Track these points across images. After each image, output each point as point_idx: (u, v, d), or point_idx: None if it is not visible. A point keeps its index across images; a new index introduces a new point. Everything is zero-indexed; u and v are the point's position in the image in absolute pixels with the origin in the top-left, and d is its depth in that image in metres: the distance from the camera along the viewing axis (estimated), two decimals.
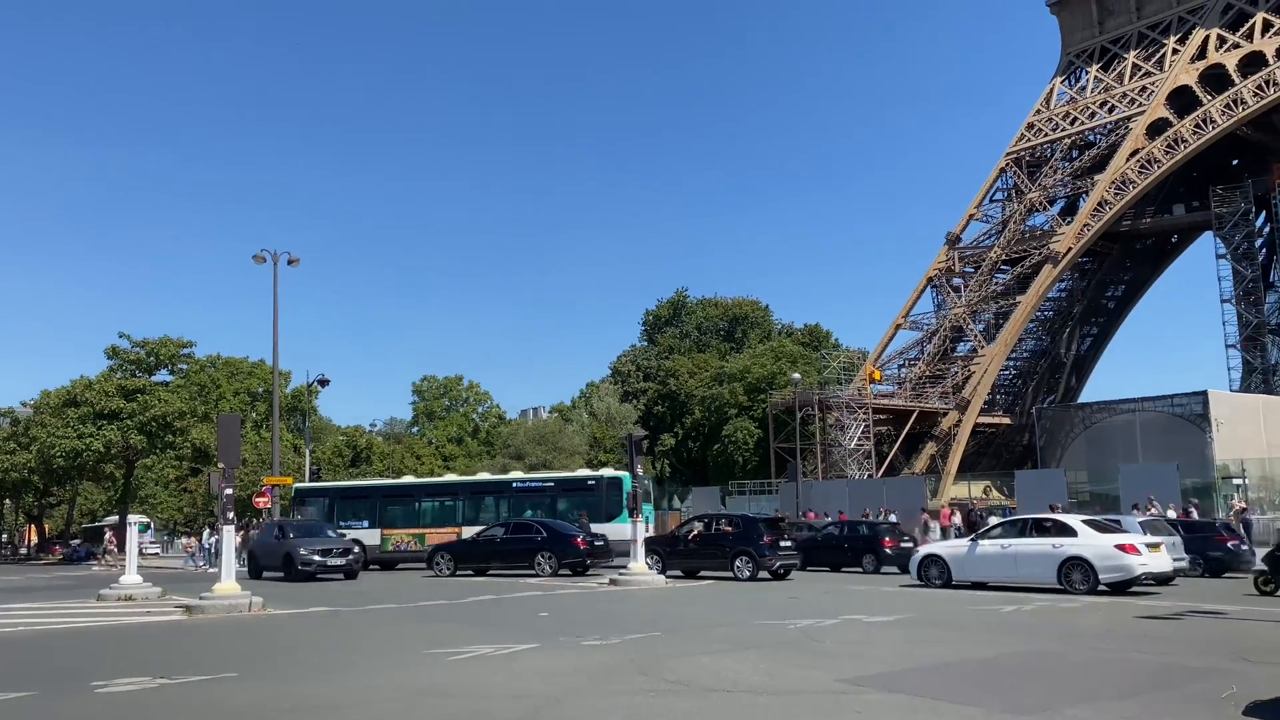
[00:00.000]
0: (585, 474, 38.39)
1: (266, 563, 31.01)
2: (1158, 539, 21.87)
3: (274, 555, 30.57)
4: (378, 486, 41.75)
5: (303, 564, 29.14)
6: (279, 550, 30.28)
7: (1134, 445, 47.42)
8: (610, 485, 35.52)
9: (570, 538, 29.79)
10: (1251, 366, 67.46)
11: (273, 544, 31.02)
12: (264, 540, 32.33)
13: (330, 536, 31.75)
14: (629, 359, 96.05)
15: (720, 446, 78.56)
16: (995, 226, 72.16)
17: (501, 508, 36.39)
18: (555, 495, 36.51)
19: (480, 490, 38.74)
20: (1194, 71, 64.98)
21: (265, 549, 31.52)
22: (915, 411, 66.06)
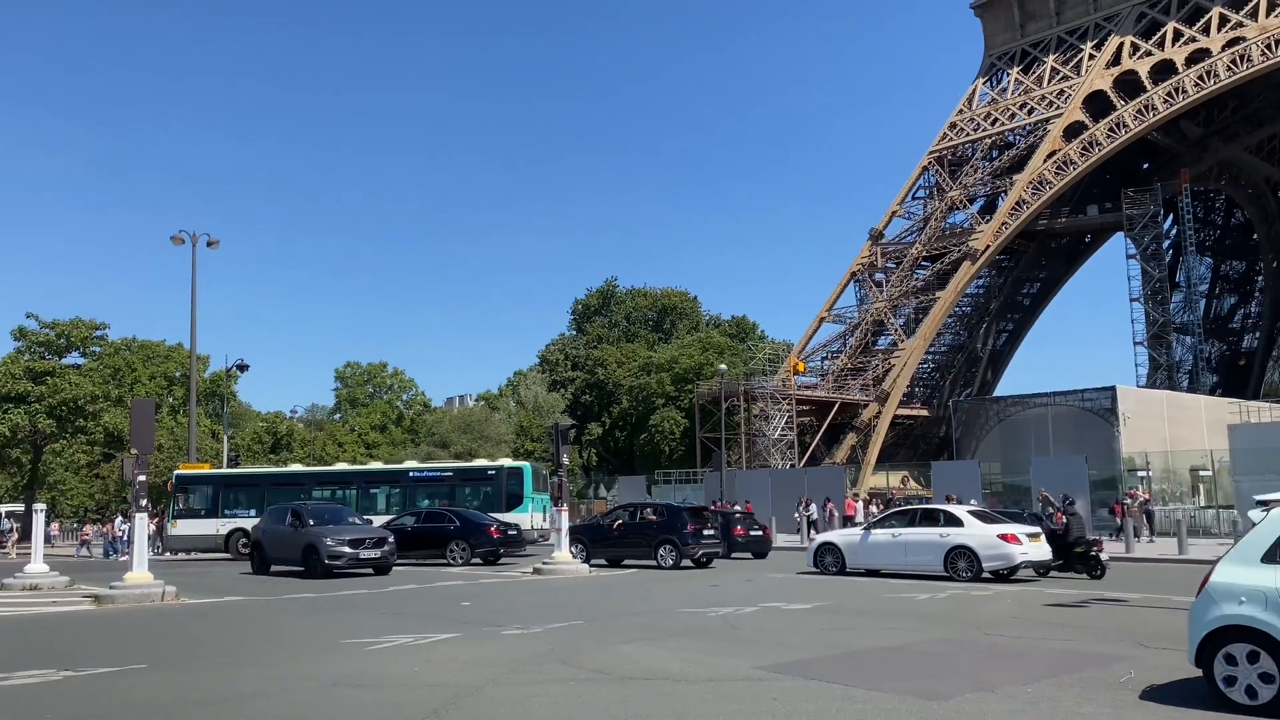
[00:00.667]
0: (485, 464, 38.18)
1: (278, 554, 26.40)
2: (1034, 529, 22.97)
3: (289, 546, 25.92)
4: (266, 474, 40.49)
5: (330, 557, 24.62)
6: (296, 540, 25.61)
7: (1046, 438, 48.91)
8: (510, 475, 35.42)
9: (484, 526, 29.61)
10: (1157, 363, 70.01)
11: (286, 532, 26.18)
12: (274, 528, 27.07)
13: (357, 524, 27.33)
14: (557, 348, 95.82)
15: (647, 436, 78.93)
16: (917, 223, 73.62)
17: (397, 498, 35.82)
18: (454, 485, 36.02)
19: (375, 479, 37.93)
20: (1109, 77, 67.04)
21: (277, 539, 26.54)
22: (837, 403, 67.17)
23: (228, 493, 37.23)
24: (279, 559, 26.47)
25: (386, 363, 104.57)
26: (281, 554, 26.35)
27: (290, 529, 26.17)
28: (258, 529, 28.21)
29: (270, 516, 28.07)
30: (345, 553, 24.96)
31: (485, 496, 35.28)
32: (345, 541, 25.08)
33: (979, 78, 75.38)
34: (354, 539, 25.32)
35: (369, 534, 26.20)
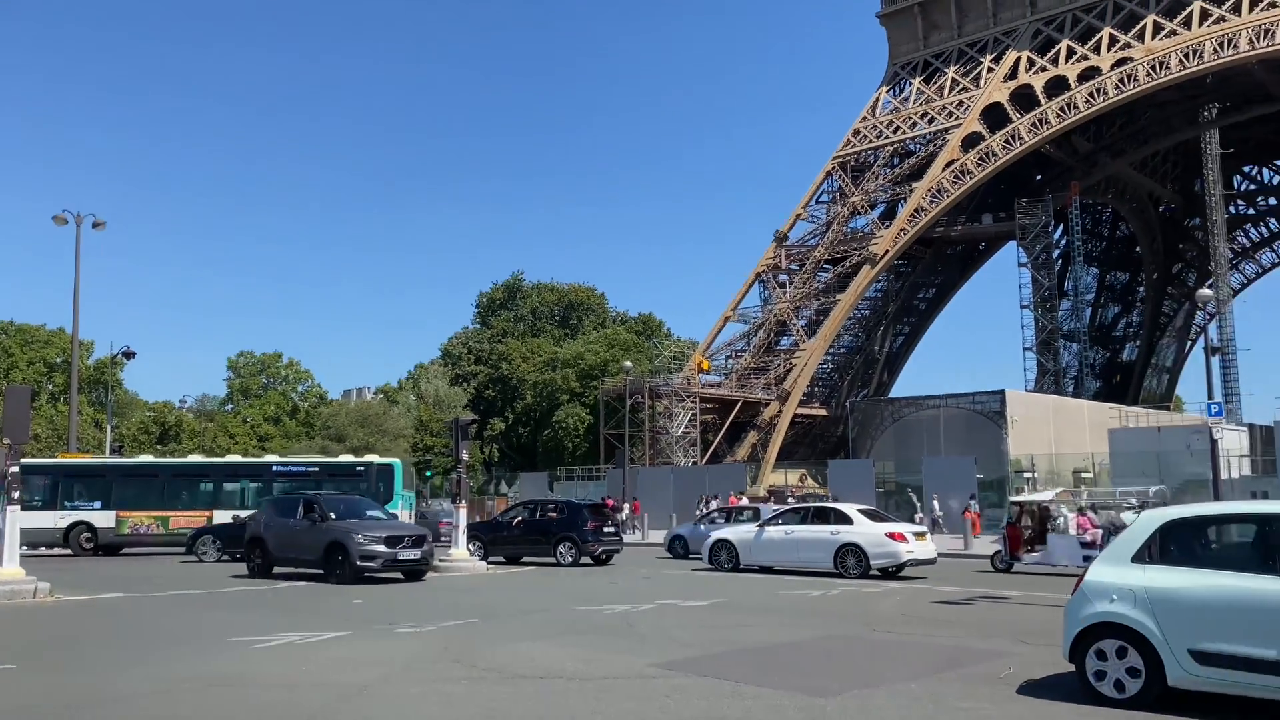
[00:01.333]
0: (353, 460, 37.42)
1: (287, 554, 22.74)
2: (920, 528, 23.77)
3: (303, 545, 22.12)
4: (114, 464, 38.17)
5: (363, 558, 20.86)
6: (314, 538, 21.81)
7: (938, 439, 50.45)
8: (380, 473, 34.93)
9: None
10: (1045, 368, 72.79)
11: (300, 528, 22.35)
12: (280, 522, 23.09)
13: (386, 519, 24.19)
14: (461, 341, 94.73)
15: (551, 432, 78.66)
16: (820, 227, 74.97)
17: (258, 493, 34.49)
18: (320, 481, 34.96)
19: (235, 472, 36.58)
20: (1006, 90, 69.38)
21: (286, 535, 22.64)
22: (740, 401, 68.02)
23: (69, 483, 34.65)
24: (288, 559, 22.70)
25: (282, 353, 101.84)
26: (292, 553, 22.54)
27: (306, 524, 22.27)
28: (256, 523, 24.20)
29: (274, 508, 24.09)
30: (381, 553, 21.09)
31: (354, 494, 34.70)
32: (380, 540, 21.22)
33: (883, 86, 77.17)
34: (390, 536, 21.52)
35: (406, 530, 22.35)
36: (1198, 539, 8.78)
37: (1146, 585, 8.34)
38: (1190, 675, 8.02)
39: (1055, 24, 69.02)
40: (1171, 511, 9.16)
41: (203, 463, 38.97)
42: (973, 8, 73.19)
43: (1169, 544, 8.57)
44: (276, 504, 24.53)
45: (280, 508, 23.86)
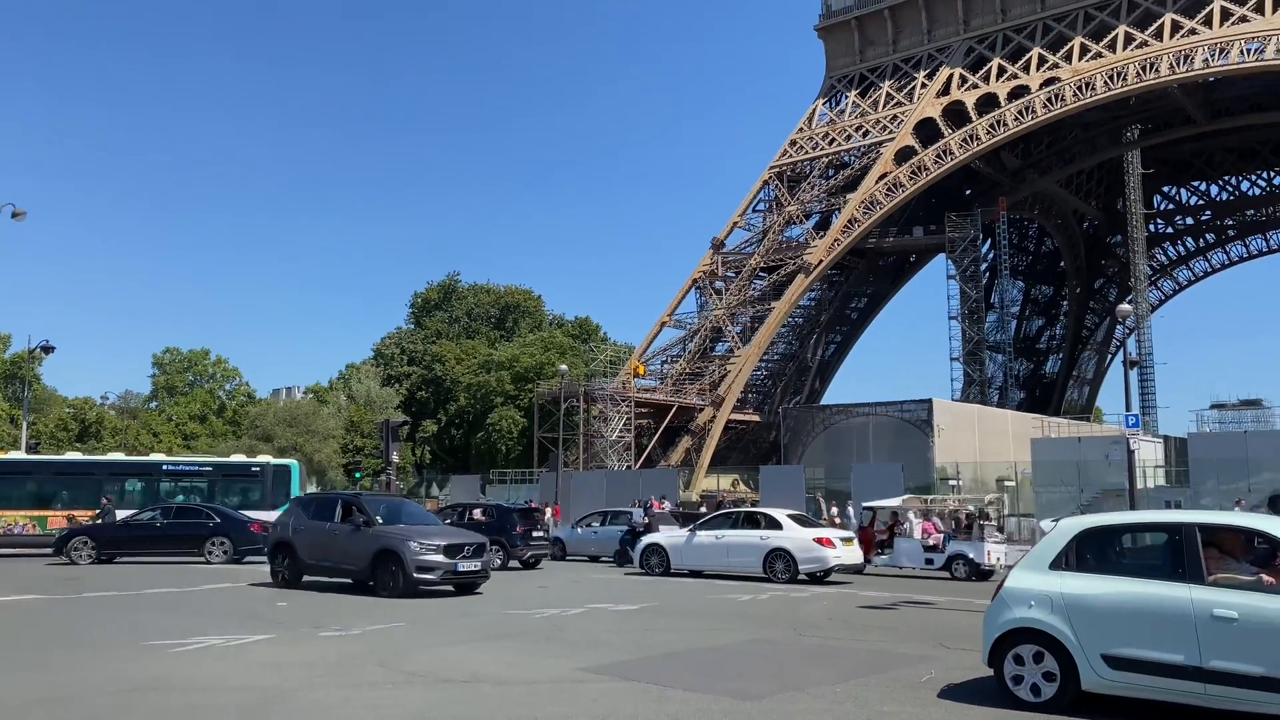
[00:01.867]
0: (248, 460, 36.83)
1: (322, 561, 19.81)
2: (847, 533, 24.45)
3: (344, 552, 19.36)
4: None
5: (419, 569, 18.08)
6: (358, 544, 19.03)
7: (867, 446, 51.27)
8: (277, 474, 34.44)
9: (247, 523, 28.34)
10: (971, 379, 74.44)
11: (340, 533, 19.53)
12: (314, 526, 20.23)
13: (435, 523, 21.80)
14: (394, 341, 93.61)
15: (484, 435, 78.12)
16: (756, 235, 75.67)
17: (147, 492, 33.62)
18: (213, 481, 34.31)
19: (121, 471, 35.08)
20: (938, 106, 70.80)
21: (322, 541, 19.77)
22: (674, 406, 68.30)
23: None
24: (323, 568, 19.90)
25: (209, 350, 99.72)
26: (329, 561, 19.72)
27: (347, 528, 19.47)
28: (281, 525, 21.31)
29: (305, 510, 21.20)
30: (439, 563, 18.33)
31: (249, 494, 34.01)
32: (439, 548, 18.49)
33: (819, 98, 78.21)
34: (449, 544, 18.74)
35: (465, 538, 19.59)
36: (1112, 547, 9.06)
37: (1063, 591, 8.58)
38: (1103, 679, 8.27)
39: (987, 43, 70.67)
40: (1088, 520, 9.44)
41: (85, 460, 37.60)
42: (908, 24, 74.60)
43: (1085, 552, 8.83)
44: (307, 505, 21.73)
45: (312, 509, 21.13)
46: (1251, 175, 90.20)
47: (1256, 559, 8.28)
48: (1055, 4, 68.11)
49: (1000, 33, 70.13)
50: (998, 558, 24.50)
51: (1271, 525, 8.36)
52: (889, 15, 75.02)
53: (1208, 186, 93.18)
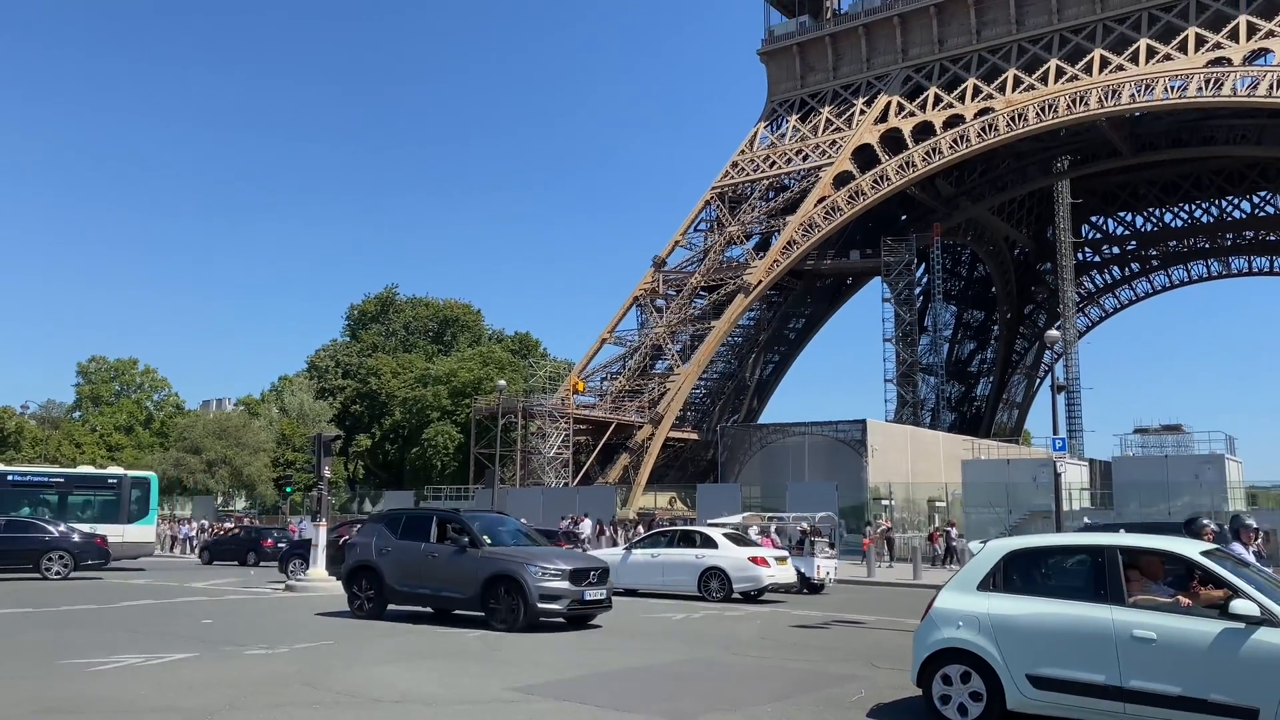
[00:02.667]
0: (104, 472, 36.13)
1: (416, 588, 17.20)
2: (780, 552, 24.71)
3: (443, 577, 16.76)
4: None
5: (544, 597, 15.80)
6: (468, 569, 16.46)
7: (803, 465, 51.76)
8: (134, 486, 34.04)
9: (91, 537, 27.86)
10: (905, 400, 75.65)
11: (441, 555, 16.96)
12: (401, 546, 17.63)
13: (550, 544, 19.71)
14: (329, 354, 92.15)
15: (419, 450, 77.22)
16: (698, 254, 76.19)
17: None
18: (65, 494, 33.48)
19: None
20: (876, 132, 72.11)
21: (414, 564, 17.23)
22: (613, 423, 68.26)
23: None
24: (418, 595, 17.26)
25: (137, 359, 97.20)
26: (426, 588, 17.06)
27: (449, 549, 16.87)
28: (361, 546, 18.25)
29: (390, 528, 18.23)
30: (565, 591, 16.00)
31: (105, 507, 33.41)
32: (564, 573, 16.13)
33: (761, 121, 79.17)
34: (576, 569, 16.40)
35: (590, 563, 17.36)
36: (1037, 569, 9.25)
37: (990, 612, 8.74)
38: (1028, 699, 8.43)
39: (924, 72, 72.23)
40: (1015, 542, 9.64)
41: None
42: (848, 52, 75.96)
43: (1011, 573, 9.01)
44: (393, 522, 18.63)
45: (400, 526, 18.23)
46: (1174, 208, 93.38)
47: (1174, 581, 8.53)
48: (989, 37, 69.94)
49: (937, 63, 71.76)
50: (827, 572, 25.88)
51: (1187, 548, 8.63)
52: (829, 43, 76.34)
53: (1133, 217, 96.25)
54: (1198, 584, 8.22)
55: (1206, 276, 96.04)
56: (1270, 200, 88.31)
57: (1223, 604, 7.83)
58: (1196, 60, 60.62)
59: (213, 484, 69.46)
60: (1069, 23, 66.89)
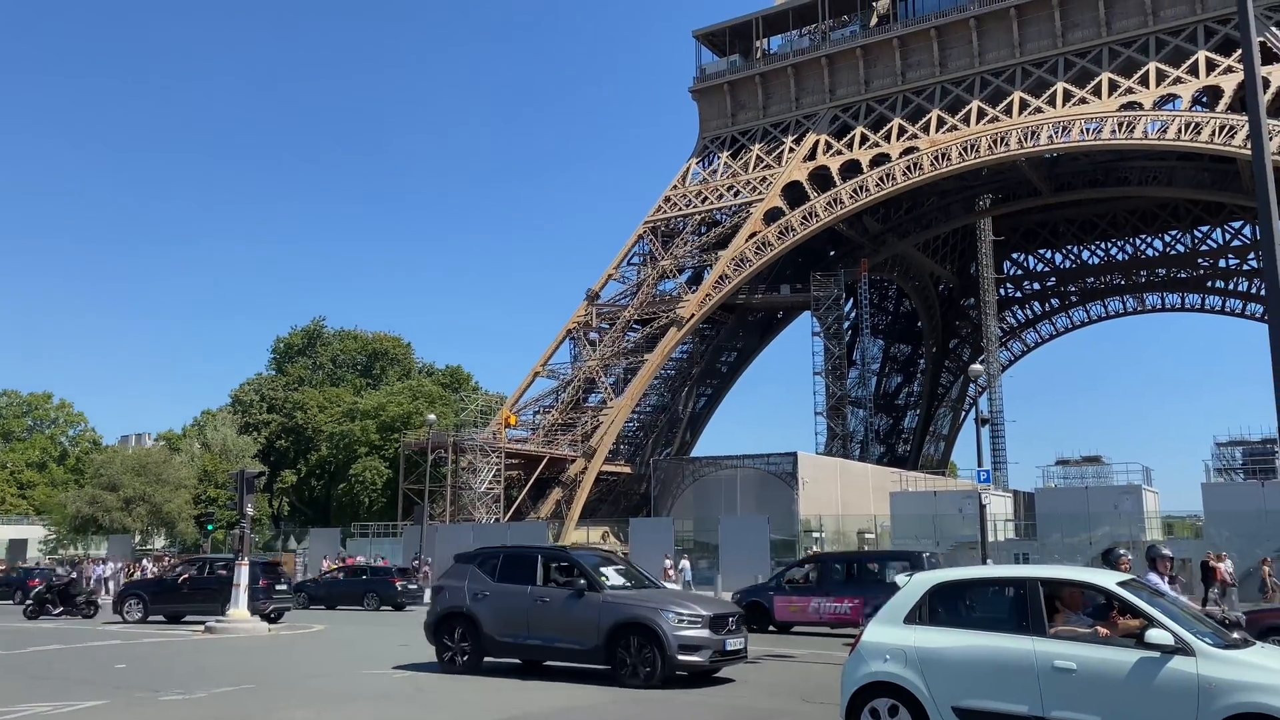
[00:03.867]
0: None
1: (523, 638, 15.25)
2: None
3: (558, 626, 14.85)
4: None
5: (683, 648, 13.93)
6: (587, 616, 14.56)
7: (735, 498, 51.99)
8: None
9: None
10: (834, 432, 76.58)
11: (550, 601, 15.08)
12: (502, 590, 15.67)
13: (657, 583, 17.51)
14: (253, 388, 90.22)
15: (346, 486, 75.79)
16: (631, 288, 76.52)
17: None
18: None
19: None
20: (805, 170, 73.43)
21: (520, 611, 15.28)
22: (546, 457, 67.78)
23: None
24: (527, 647, 15.32)
25: (51, 393, 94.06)
26: (537, 638, 15.09)
27: (563, 594, 14.99)
28: (452, 592, 16.09)
29: (485, 570, 16.07)
30: (706, 640, 14.14)
31: None
32: (705, 620, 14.29)
33: (693, 157, 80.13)
34: (716, 615, 14.64)
35: (727, 609, 15.60)
36: (962, 601, 9.37)
37: (916, 645, 8.82)
38: None
39: (851, 111, 73.91)
40: (940, 575, 9.76)
41: None
42: (777, 91, 77.44)
43: (937, 606, 9.11)
44: (487, 562, 16.25)
45: (498, 567, 15.99)
46: (1091, 245, 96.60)
47: (1093, 611, 8.72)
48: (914, 79, 71.90)
49: (864, 103, 73.50)
50: None
51: (1105, 579, 8.83)
52: (759, 82, 77.75)
53: (1053, 254, 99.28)
54: (1116, 614, 8.41)
55: (1123, 312, 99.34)
56: (1180, 239, 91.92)
57: (1139, 634, 8.02)
58: (1110, 104, 63.02)
59: (130, 522, 67.17)
60: (989, 66, 69.13)
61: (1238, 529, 34.64)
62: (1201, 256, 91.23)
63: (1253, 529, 33.67)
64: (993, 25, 69.35)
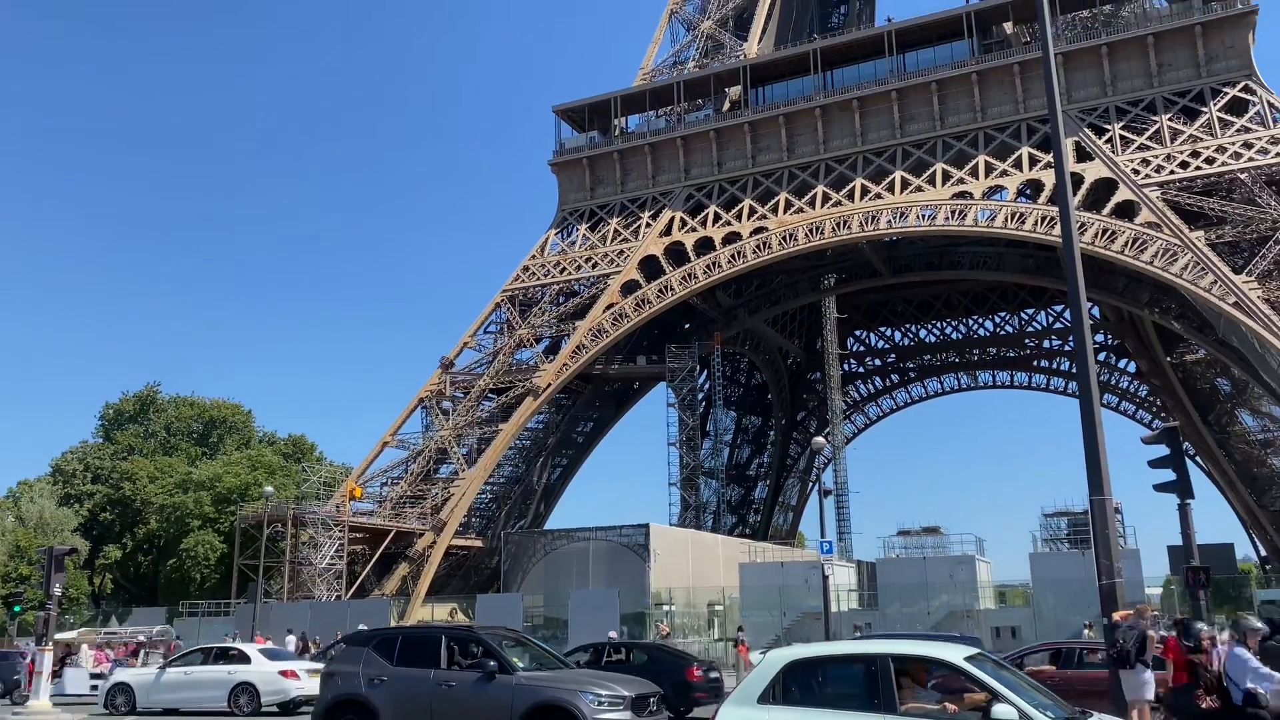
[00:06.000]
0: None
1: None
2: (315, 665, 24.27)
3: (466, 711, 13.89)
4: None
5: None
6: (500, 701, 13.59)
7: (586, 571, 51.40)
8: None
9: None
10: (688, 503, 77.17)
11: (453, 685, 14.01)
12: (403, 676, 14.41)
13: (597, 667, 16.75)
14: (77, 456, 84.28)
15: (177, 561, 71.23)
16: (487, 356, 75.74)
17: None
18: None
19: None
20: (661, 245, 74.96)
21: (420, 697, 14.13)
22: (392, 531, 65.59)
23: None
24: None
25: None
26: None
27: (470, 676, 13.86)
28: (344, 678, 14.74)
29: (383, 653, 14.72)
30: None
31: None
32: (626, 701, 13.46)
33: (553, 228, 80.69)
34: (639, 695, 13.87)
35: (647, 687, 14.68)
36: (815, 679, 9.34)
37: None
38: None
39: (705, 191, 76.16)
40: (794, 652, 9.71)
41: None
42: (634, 168, 79.17)
43: (791, 684, 9.03)
44: (384, 644, 14.94)
45: (398, 649, 14.72)
46: (928, 324, 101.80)
47: (939, 686, 8.83)
48: (764, 162, 74.82)
49: (717, 183, 75.89)
50: None
51: (953, 653, 8.97)
52: (618, 158, 79.34)
53: (893, 332, 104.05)
54: (964, 689, 8.54)
55: (958, 388, 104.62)
56: (1009, 320, 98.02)
57: (985, 708, 8.14)
58: (944, 193, 67.05)
59: None
60: (834, 153, 72.65)
61: (1062, 596, 36.44)
62: (1028, 337, 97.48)
63: (1076, 596, 35.43)
64: (837, 115, 73.12)
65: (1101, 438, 18.91)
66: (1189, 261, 56.89)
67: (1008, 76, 68.26)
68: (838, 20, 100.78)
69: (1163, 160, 61.33)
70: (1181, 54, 64.28)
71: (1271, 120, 60.71)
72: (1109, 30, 66.71)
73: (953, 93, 69.88)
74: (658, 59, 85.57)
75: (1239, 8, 63.44)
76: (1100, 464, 18.54)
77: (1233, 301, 54.89)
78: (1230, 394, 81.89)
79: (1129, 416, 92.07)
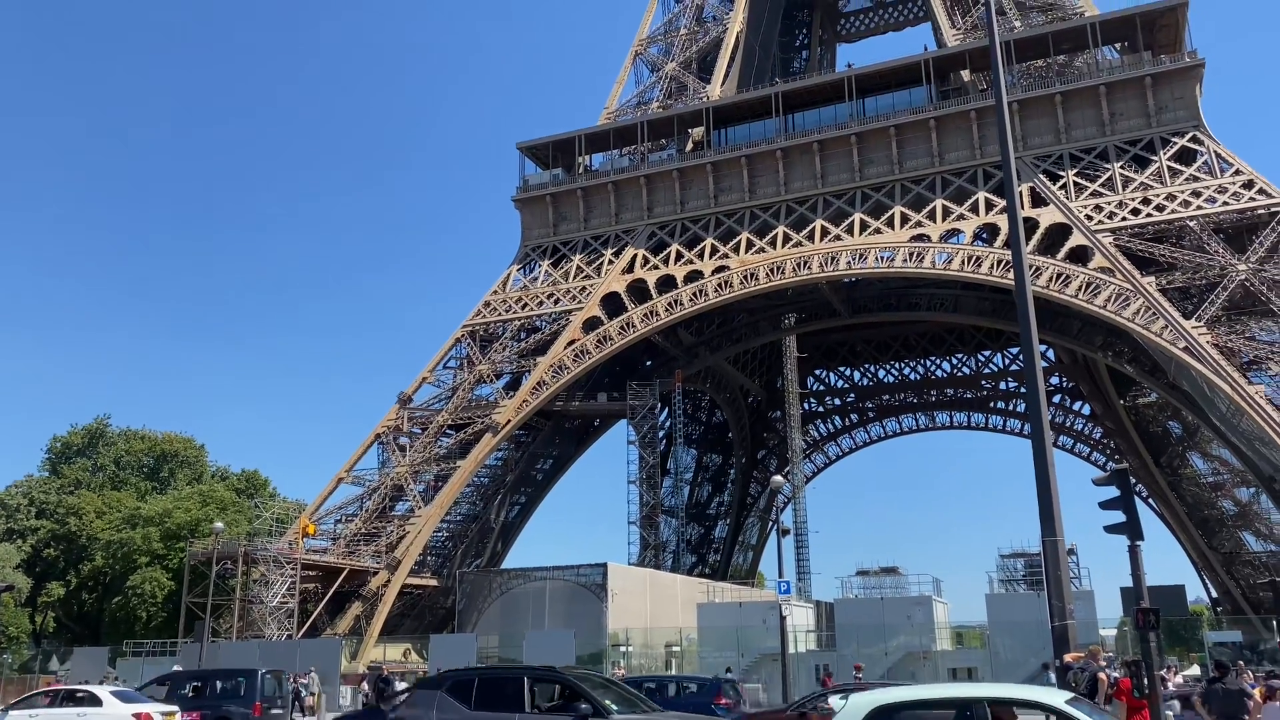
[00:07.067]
0: None
1: None
2: (169, 708, 24.57)
3: None
4: None
5: None
6: None
7: (543, 611, 50.73)
8: None
9: None
10: (647, 542, 76.63)
11: None
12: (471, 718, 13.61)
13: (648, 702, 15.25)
14: (21, 490, 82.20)
15: (123, 599, 69.47)
16: (446, 392, 75.15)
17: None
18: None
19: None
20: (623, 282, 75.11)
21: None
22: (346, 569, 64.47)
23: None
24: None
25: None
26: None
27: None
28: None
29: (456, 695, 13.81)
30: None
31: None
32: None
33: (515, 264, 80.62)
34: None
35: None
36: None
37: None
38: None
39: (667, 229, 76.57)
40: (879, 696, 9.34)
41: None
42: (597, 205, 79.49)
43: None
44: (459, 689, 13.80)
45: (473, 695, 13.57)
46: (887, 365, 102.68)
47: None
48: (726, 202, 75.44)
49: (679, 221, 76.35)
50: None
51: (1053, 698, 8.70)
52: (581, 196, 79.65)
53: (852, 372, 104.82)
54: None
55: (916, 428, 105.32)
56: (965, 362, 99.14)
57: None
58: (902, 235, 67.90)
59: None
60: (794, 194, 73.44)
61: (1018, 638, 36.43)
62: (985, 379, 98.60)
63: (1032, 637, 35.44)
64: (798, 158, 74.01)
65: (1054, 479, 19.06)
66: (1141, 306, 57.95)
67: (964, 123, 69.54)
68: (799, 65, 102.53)
69: (1115, 207, 62.62)
70: (1132, 104, 65.92)
71: (1219, 170, 62.31)
72: (1063, 80, 68.27)
73: (911, 138, 71.04)
74: (622, 99, 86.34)
75: (1187, 61, 65.30)
76: (1053, 505, 18.66)
77: (1183, 346, 55.90)
78: (1181, 437, 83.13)
79: (1083, 458, 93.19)
